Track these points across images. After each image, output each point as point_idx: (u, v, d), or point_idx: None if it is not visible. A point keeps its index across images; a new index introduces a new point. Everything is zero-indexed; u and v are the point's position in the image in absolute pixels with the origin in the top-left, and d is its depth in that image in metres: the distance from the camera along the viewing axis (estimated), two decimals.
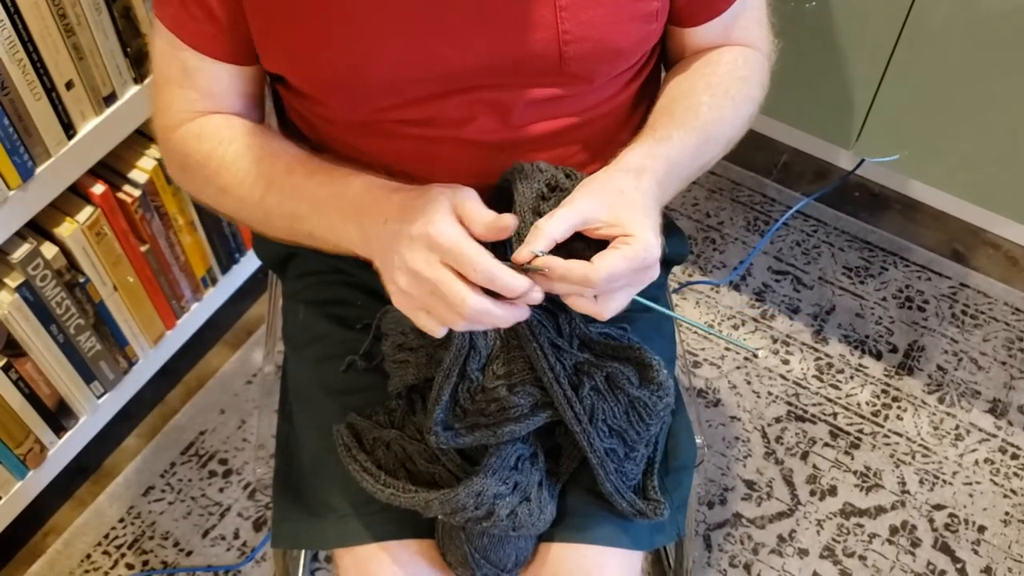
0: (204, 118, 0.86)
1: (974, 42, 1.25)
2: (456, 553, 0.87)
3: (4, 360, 1.25)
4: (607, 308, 0.74)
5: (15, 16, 1.05)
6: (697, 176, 0.87)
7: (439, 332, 0.74)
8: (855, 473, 1.55)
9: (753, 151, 1.93)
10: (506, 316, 0.72)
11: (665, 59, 0.95)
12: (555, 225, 0.72)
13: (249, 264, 1.62)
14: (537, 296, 0.72)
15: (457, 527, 0.86)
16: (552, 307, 0.86)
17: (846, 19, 1.33)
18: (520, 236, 0.75)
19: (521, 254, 0.72)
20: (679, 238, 1.10)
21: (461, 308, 0.70)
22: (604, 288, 0.72)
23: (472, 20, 0.77)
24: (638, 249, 0.72)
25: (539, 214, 0.76)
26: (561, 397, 0.82)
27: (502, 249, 0.75)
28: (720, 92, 0.86)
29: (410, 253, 0.71)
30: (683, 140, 0.82)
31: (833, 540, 1.48)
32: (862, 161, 1.80)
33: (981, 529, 1.49)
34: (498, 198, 0.84)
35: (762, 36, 0.91)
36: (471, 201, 0.73)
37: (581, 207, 0.73)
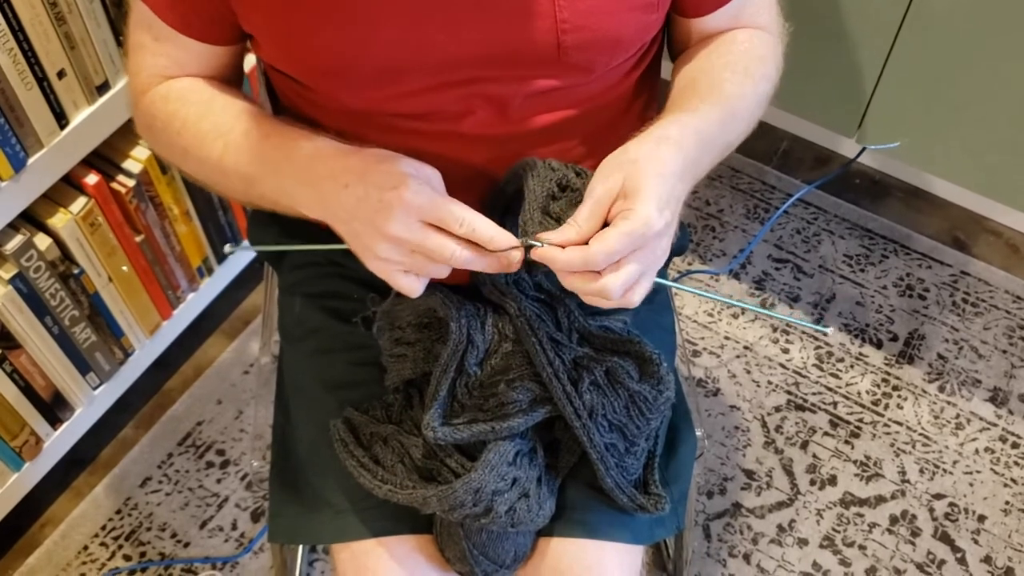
0: (172, 80, 0.86)
1: (977, 29, 1.24)
2: (454, 549, 0.86)
3: None
4: (633, 298, 0.73)
5: (5, 5, 1.03)
6: (724, 155, 0.85)
7: (418, 290, 0.75)
8: (855, 462, 1.54)
9: (753, 138, 1.86)
10: (490, 263, 0.74)
11: (670, 49, 0.93)
12: (587, 224, 0.72)
13: (245, 253, 1.61)
14: (516, 256, 0.73)
15: (455, 523, 0.85)
16: (550, 300, 0.85)
17: (849, 5, 1.32)
18: (526, 232, 0.74)
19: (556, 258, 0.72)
20: (680, 229, 1.09)
21: (451, 261, 0.72)
22: (607, 265, 0.71)
23: (469, 8, 0.76)
24: (636, 223, 0.70)
25: (548, 213, 0.75)
26: (560, 392, 0.81)
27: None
28: (740, 70, 0.85)
29: (384, 219, 0.72)
30: (709, 112, 0.81)
31: (833, 530, 1.48)
32: (863, 148, 1.78)
33: (981, 518, 1.49)
34: (496, 197, 0.83)
35: (772, 20, 0.89)
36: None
37: (600, 196, 0.72)
